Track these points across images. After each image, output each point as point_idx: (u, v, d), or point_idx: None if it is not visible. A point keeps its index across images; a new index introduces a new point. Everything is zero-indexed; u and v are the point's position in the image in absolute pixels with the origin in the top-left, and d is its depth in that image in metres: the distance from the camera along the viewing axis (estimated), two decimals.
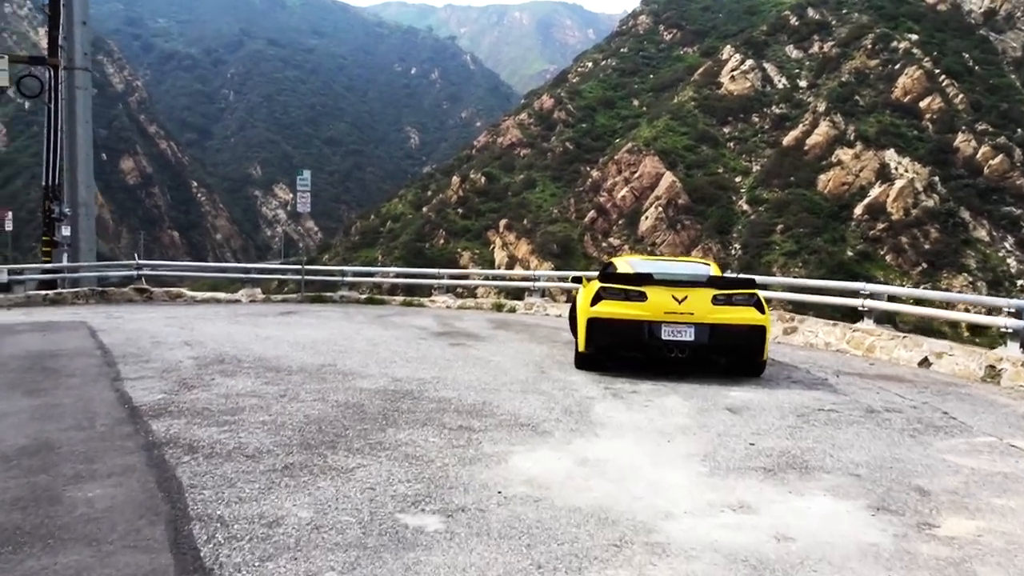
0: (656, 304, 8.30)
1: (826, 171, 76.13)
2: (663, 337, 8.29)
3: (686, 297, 8.28)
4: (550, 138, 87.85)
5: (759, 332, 8.37)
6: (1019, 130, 76.29)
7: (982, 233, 75.27)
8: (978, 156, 74.52)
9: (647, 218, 76.45)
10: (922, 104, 78.63)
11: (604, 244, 77.29)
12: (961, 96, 77.83)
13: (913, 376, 9.55)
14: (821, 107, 79.07)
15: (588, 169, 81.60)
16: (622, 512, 4.09)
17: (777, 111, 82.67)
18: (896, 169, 75.06)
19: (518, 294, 24.29)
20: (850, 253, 74.62)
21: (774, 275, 69.95)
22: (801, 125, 79.08)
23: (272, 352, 9.68)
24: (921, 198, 73.73)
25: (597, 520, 3.97)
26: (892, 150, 75.38)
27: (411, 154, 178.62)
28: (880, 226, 76.30)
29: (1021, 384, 8.75)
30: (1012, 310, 9.09)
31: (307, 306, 17.64)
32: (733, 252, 75.05)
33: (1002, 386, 8.99)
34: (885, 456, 5.55)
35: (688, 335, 8.26)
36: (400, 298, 19.83)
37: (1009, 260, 71.85)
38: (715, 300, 8.31)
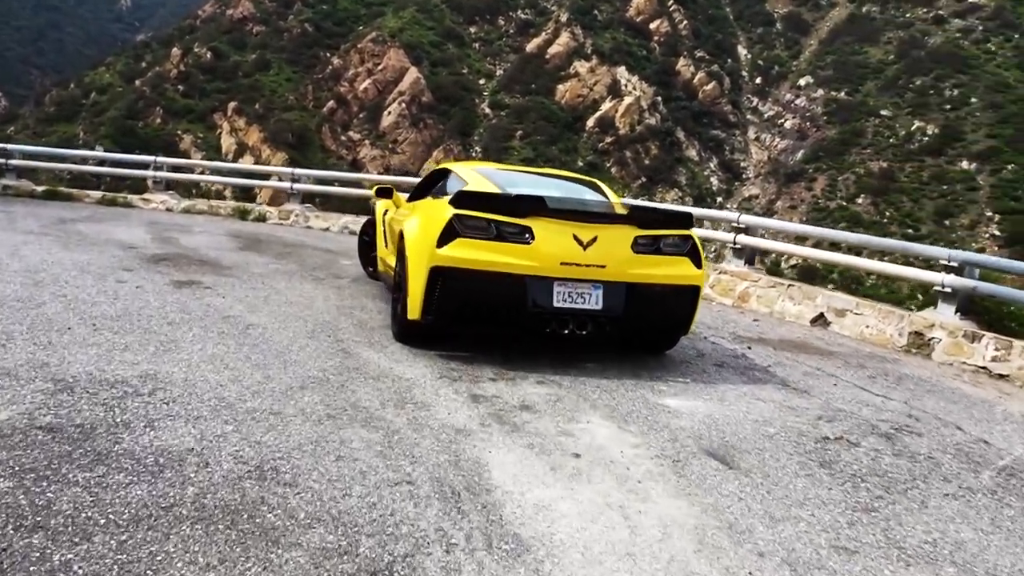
0: (549, 249, 4.87)
1: (564, 82, 76.15)
2: (556, 303, 4.90)
3: (595, 239, 4.92)
4: (287, 17, 78.87)
5: (693, 296, 5.29)
6: (729, 60, 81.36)
7: (692, 153, 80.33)
8: (695, 81, 78.52)
9: (390, 113, 71.80)
10: (652, 26, 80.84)
11: (344, 137, 71.63)
12: (685, 22, 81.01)
13: (823, 343, 7.13)
14: (563, 17, 78.37)
15: (328, 56, 74.47)
16: None
17: (522, 16, 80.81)
18: (626, 86, 76.95)
19: (250, 191, 19.51)
20: (581, 163, 76.32)
21: None
22: (544, 33, 78.02)
23: None
24: (645, 116, 76.52)
25: None
26: (623, 67, 76.96)
27: (121, 17, 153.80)
28: (608, 139, 78.59)
29: (962, 360, 6.61)
30: (955, 264, 6.89)
31: None
32: (474, 155, 73.30)
33: (937, 361, 6.82)
34: None
35: (594, 300, 4.94)
36: (99, 193, 14.37)
37: (712, 179, 77.39)
38: (637, 245, 5.05)
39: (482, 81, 77.65)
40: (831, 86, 75.30)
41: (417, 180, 8.09)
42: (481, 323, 5.18)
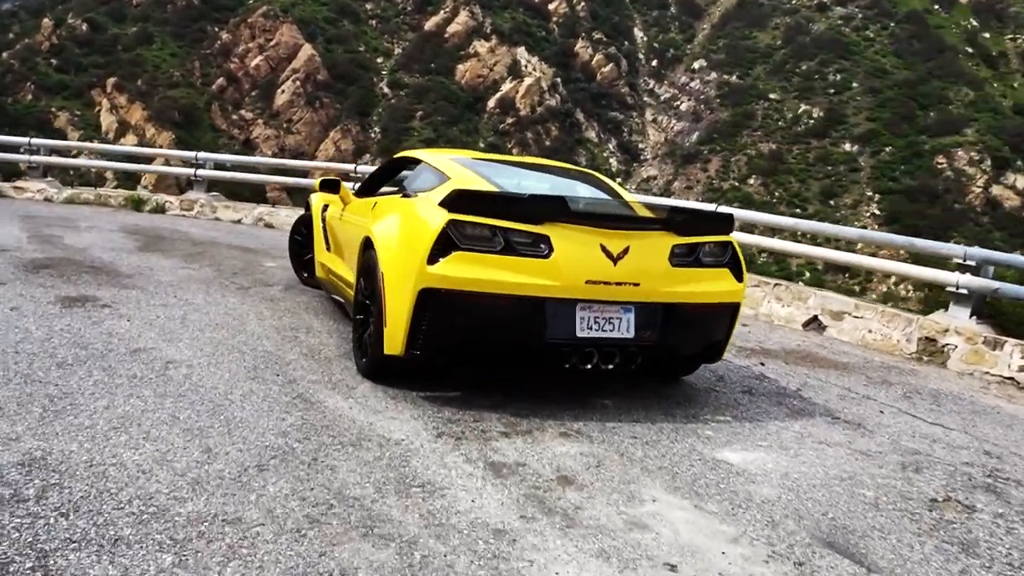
0: (572, 264, 3.77)
1: (464, 61, 74.69)
2: (579, 332, 3.82)
3: (626, 250, 3.86)
4: None
5: (733, 315, 4.33)
6: (626, 43, 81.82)
7: (592, 134, 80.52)
8: (593, 63, 78.54)
9: (283, 92, 68.51)
10: (551, 7, 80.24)
11: (235, 116, 67.88)
12: (583, 4, 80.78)
13: (828, 351, 6.34)
14: None
15: (217, 30, 70.28)
16: None
17: None
18: (526, 67, 76.17)
19: (134, 176, 17.45)
20: (482, 144, 75.19)
21: None
22: (442, 12, 76.17)
23: None
24: (546, 97, 76.03)
25: None
26: (523, 48, 76.11)
27: None
28: (509, 120, 77.72)
29: (983, 370, 5.95)
30: (972, 263, 6.21)
31: None
32: (373, 136, 71.11)
33: (954, 371, 6.13)
34: None
35: (625, 326, 3.89)
36: None
37: (611, 160, 77.88)
38: (674, 256, 4.02)
39: (380, 59, 75.29)
40: (723, 69, 76.78)
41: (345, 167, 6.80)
42: (481, 359, 4.05)
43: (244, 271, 7.12)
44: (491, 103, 75.71)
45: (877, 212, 65.82)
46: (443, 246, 3.70)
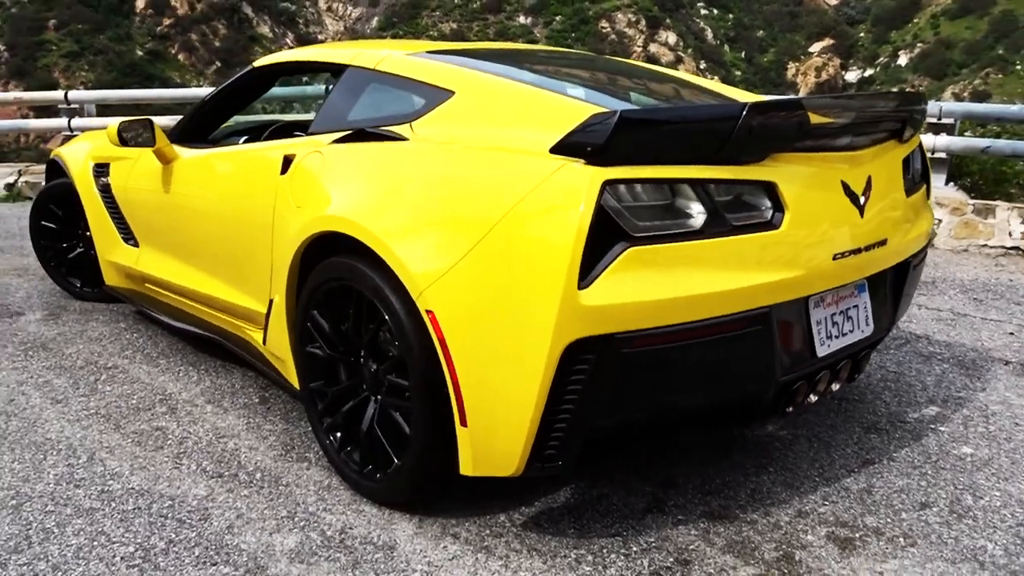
0: (815, 229, 1.87)
1: None
2: (819, 350, 2.03)
3: (869, 183, 2.09)
4: None
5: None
6: None
7: (265, 29, 73.59)
8: None
9: None
10: None
11: None
12: None
13: None
14: None
15: None
16: None
17: None
18: None
19: None
20: (140, 52, 65.76)
21: (61, 82, 57.03)
22: None
23: None
24: None
25: None
26: None
27: None
28: (167, 22, 68.29)
29: (980, 243, 5.11)
30: (949, 121, 5.22)
31: None
32: None
33: (944, 248, 5.21)
34: None
35: (864, 318, 2.18)
36: None
37: None
38: (905, 179, 2.34)
39: None
40: None
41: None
42: (649, 439, 2.12)
43: None
44: (141, 3, 65.90)
45: None
46: (601, 241, 1.65)
